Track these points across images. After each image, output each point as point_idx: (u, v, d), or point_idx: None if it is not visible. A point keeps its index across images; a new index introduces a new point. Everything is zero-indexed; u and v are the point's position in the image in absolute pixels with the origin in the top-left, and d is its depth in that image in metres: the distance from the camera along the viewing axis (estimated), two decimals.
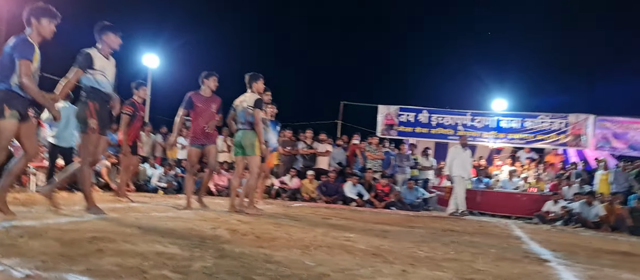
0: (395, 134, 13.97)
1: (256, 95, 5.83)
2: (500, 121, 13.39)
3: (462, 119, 13.57)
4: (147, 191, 10.03)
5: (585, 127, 12.59)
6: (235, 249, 2.90)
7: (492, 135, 13.38)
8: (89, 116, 4.33)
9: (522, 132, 13.16)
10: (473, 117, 13.62)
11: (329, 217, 6.15)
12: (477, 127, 13.51)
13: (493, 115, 13.71)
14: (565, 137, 12.76)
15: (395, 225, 5.89)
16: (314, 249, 3.19)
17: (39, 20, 3.75)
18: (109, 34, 4.44)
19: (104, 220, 4.01)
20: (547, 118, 12.97)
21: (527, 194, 11.18)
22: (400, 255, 3.26)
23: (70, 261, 2.17)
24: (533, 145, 13.25)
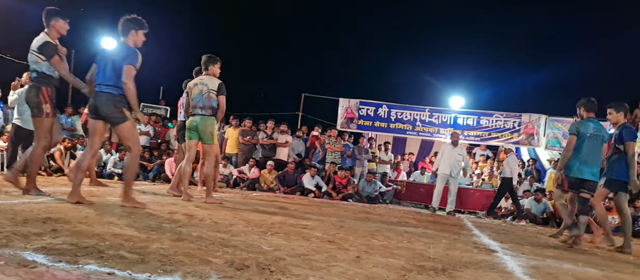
0: (355, 128, 14.13)
1: (218, 80, 5.66)
2: (457, 118, 13.78)
3: (421, 115, 13.87)
4: (102, 177, 9.78)
5: (537, 127, 13.13)
6: (192, 233, 2.93)
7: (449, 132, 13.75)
8: (43, 101, 4.39)
9: (477, 129, 13.58)
10: (431, 113, 13.94)
11: (287, 207, 6.21)
12: (435, 123, 13.85)
13: (450, 112, 14.07)
14: (518, 135, 13.26)
15: (352, 216, 6.01)
16: (271, 235, 3.25)
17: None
18: (58, 19, 4.52)
19: (58, 202, 3.93)
20: (502, 116, 13.44)
21: (480, 190, 11.59)
22: (355, 243, 3.37)
23: (24, 239, 2.15)
24: (488, 142, 13.72)
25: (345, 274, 2.22)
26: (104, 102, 4.03)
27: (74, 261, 1.86)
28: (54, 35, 4.52)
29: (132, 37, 4.22)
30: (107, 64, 4.07)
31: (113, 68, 4.04)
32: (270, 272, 2.08)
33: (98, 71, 4.12)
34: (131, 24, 4.23)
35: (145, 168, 10.91)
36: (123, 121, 4.07)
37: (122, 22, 4.22)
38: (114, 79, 4.03)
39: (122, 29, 4.22)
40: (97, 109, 4.07)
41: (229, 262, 2.18)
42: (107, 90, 4.03)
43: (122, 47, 4.19)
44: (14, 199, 3.87)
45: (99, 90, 4.07)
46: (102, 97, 4.04)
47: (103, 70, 4.07)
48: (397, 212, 8.13)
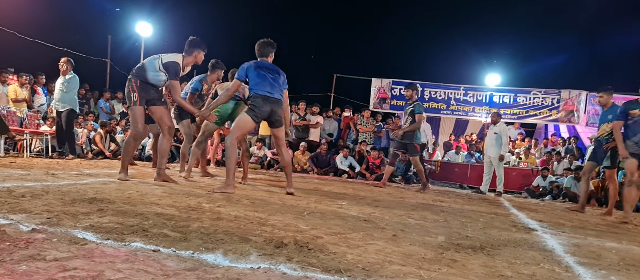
0: (388, 108, 14.02)
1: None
2: (493, 96, 13.48)
3: (455, 93, 13.63)
4: (141, 159, 10.08)
5: (577, 103, 12.70)
6: (231, 212, 2.99)
7: (484, 110, 13.47)
8: (131, 91, 4.75)
9: (514, 107, 13.26)
10: (466, 91, 13.68)
11: (321, 188, 6.25)
12: (470, 102, 13.59)
13: (486, 90, 13.77)
14: (558, 112, 12.88)
15: (387, 195, 6.00)
16: (307, 215, 3.29)
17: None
18: (200, 52, 4.97)
19: (102, 183, 4.08)
20: (540, 93, 13.06)
21: (517, 169, 11.35)
22: (391, 222, 3.37)
23: (73, 218, 2.25)
24: (525, 120, 13.38)
25: (382, 252, 2.23)
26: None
27: (121, 239, 1.94)
28: (189, 62, 4.94)
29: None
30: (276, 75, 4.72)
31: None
32: (309, 249, 2.11)
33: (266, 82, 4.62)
34: (271, 47, 4.83)
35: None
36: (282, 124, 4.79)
37: (263, 44, 4.81)
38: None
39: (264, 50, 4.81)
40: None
41: (267, 240, 2.22)
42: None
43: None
44: (61, 180, 4.04)
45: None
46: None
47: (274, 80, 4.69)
48: (432, 191, 8.06)
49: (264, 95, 4.55)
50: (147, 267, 1.59)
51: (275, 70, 4.73)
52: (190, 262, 1.71)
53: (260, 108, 4.54)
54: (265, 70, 4.64)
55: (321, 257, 2.00)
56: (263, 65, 4.67)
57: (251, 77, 4.61)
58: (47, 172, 4.81)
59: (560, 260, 2.52)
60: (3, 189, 3.10)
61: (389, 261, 2.04)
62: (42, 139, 8.56)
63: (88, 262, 1.56)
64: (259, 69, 4.63)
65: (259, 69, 4.63)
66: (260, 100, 4.55)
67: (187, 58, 4.89)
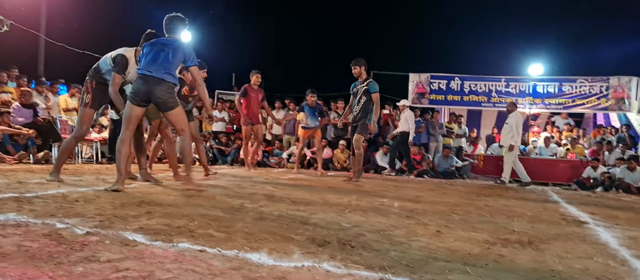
0: (427, 103, 13.80)
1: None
2: (537, 86, 13.03)
3: (497, 85, 13.26)
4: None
5: (628, 90, 12.11)
6: (273, 212, 3.03)
7: (527, 101, 13.05)
8: (86, 92, 4.63)
9: (559, 97, 12.77)
10: (507, 82, 13.28)
11: (362, 185, 6.23)
12: (512, 93, 13.19)
13: (529, 80, 13.33)
14: (607, 101, 12.31)
15: (429, 191, 5.92)
16: (349, 212, 3.29)
17: (184, 28, 4.29)
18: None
19: (149, 187, 4.22)
20: (587, 81, 12.53)
21: (565, 160, 10.96)
22: (434, 218, 3.32)
23: (124, 221, 2.34)
24: (571, 110, 12.88)
25: (427, 248, 2.20)
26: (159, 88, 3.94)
27: (169, 240, 2.00)
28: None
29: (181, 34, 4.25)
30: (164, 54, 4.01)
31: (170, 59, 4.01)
32: (351, 247, 2.11)
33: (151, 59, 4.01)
34: (181, 22, 4.24)
35: (223, 153, 11.38)
36: (176, 106, 4.05)
37: (170, 20, 4.20)
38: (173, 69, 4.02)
39: (173, 26, 4.20)
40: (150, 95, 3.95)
41: (310, 238, 2.24)
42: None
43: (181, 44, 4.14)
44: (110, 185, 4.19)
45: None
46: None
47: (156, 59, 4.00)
48: (476, 186, 7.90)
49: (142, 73, 3.92)
50: (195, 266, 1.63)
51: (170, 45, 4.03)
52: (235, 262, 1.74)
53: (136, 90, 3.93)
54: (158, 45, 4.03)
55: (364, 254, 2.00)
56: (158, 42, 4.08)
57: (140, 56, 4.09)
58: (97, 177, 5.02)
59: (615, 253, 2.41)
60: (58, 194, 3.26)
61: (434, 257, 2.02)
62: (92, 145, 8.92)
63: (139, 263, 1.62)
64: (152, 45, 4.05)
65: (152, 45, 4.05)
66: (137, 80, 3.96)
67: (139, 51, 4.47)
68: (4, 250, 1.66)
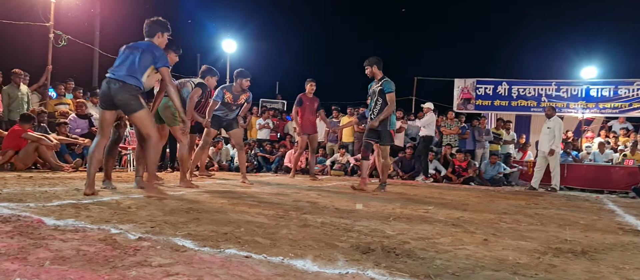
0: (473, 108, 13.54)
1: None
2: (590, 90, 12.52)
3: (547, 89, 12.85)
4: (230, 170, 10.56)
5: None
6: (317, 219, 3.05)
7: (580, 105, 12.56)
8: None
9: (615, 101, 12.22)
10: (558, 86, 12.84)
11: (406, 192, 6.17)
12: (564, 97, 12.74)
13: (581, 84, 12.83)
14: None
15: (475, 199, 5.79)
16: (393, 220, 3.26)
17: (162, 34, 4.19)
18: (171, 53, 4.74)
19: (196, 194, 4.34)
20: None
21: (622, 167, 10.43)
22: (481, 226, 3.25)
23: (173, 227, 2.42)
24: (628, 114, 12.28)
25: (473, 257, 2.16)
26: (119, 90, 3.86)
27: (216, 246, 2.05)
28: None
29: (158, 38, 4.20)
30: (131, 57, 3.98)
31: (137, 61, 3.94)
32: (396, 255, 2.10)
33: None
34: (158, 26, 4.19)
35: (267, 160, 11.54)
36: (139, 109, 3.91)
37: (149, 24, 4.19)
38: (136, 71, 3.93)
39: (150, 30, 4.17)
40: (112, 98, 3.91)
41: (354, 246, 2.24)
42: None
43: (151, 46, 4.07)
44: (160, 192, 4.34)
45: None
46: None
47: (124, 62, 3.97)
48: (525, 193, 7.64)
49: (107, 77, 3.89)
50: (241, 272, 1.67)
51: (140, 48, 3.97)
52: (280, 268, 1.77)
53: (101, 94, 3.94)
54: (130, 49, 3.99)
55: (409, 262, 1.98)
56: (132, 46, 4.03)
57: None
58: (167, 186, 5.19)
59: None
60: (112, 201, 3.41)
61: (481, 266, 1.97)
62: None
63: (188, 268, 1.67)
64: (126, 49, 4.02)
65: (126, 49, 4.02)
66: (103, 83, 3.94)
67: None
68: (64, 254, 1.75)
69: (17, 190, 3.92)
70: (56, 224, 2.34)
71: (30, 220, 2.40)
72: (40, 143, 7.27)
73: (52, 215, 2.60)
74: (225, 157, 11.39)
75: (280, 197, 4.46)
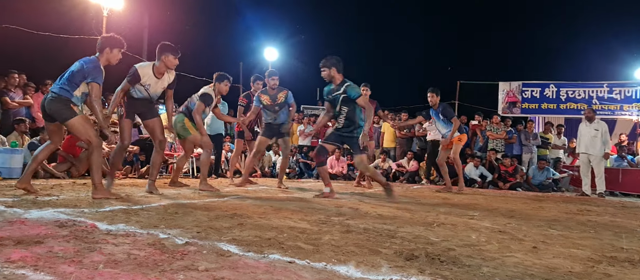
0: (519, 112, 13.15)
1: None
2: None
3: (598, 91, 12.32)
4: (273, 176, 10.68)
5: None
6: (359, 225, 3.04)
7: (635, 108, 11.97)
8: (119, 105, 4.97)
9: None
10: (611, 88, 12.29)
11: (451, 198, 6.05)
12: (616, 99, 12.18)
13: (636, 85, 12.23)
14: None
15: (523, 205, 5.61)
16: (437, 226, 3.21)
17: (112, 50, 4.23)
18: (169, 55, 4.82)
19: (240, 199, 4.41)
20: None
21: None
22: (530, 233, 3.14)
23: (218, 232, 2.47)
24: None
25: (522, 265, 2.09)
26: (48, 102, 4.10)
27: (260, 251, 2.08)
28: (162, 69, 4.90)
29: (107, 54, 4.24)
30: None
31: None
32: (441, 262, 2.06)
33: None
34: (107, 42, 4.24)
35: (309, 166, 11.59)
36: (70, 118, 4.06)
37: (100, 39, 4.28)
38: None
39: (98, 45, 4.24)
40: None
41: (397, 252, 2.22)
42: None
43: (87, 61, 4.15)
44: (206, 199, 4.45)
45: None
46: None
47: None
48: (576, 200, 7.34)
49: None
50: (285, 277, 1.68)
51: (78, 62, 4.14)
52: (324, 274, 1.77)
53: (40, 106, 4.23)
54: (74, 64, 4.20)
55: (455, 269, 1.94)
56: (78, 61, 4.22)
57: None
58: (194, 191, 5.34)
59: None
60: (160, 207, 3.52)
61: (530, 275, 1.91)
62: (189, 161, 9.51)
63: (233, 273, 1.70)
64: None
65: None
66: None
67: (157, 66, 4.79)
68: (117, 258, 1.82)
69: (72, 196, 4.11)
70: (108, 228, 2.44)
71: (85, 224, 2.51)
72: None
73: (105, 220, 2.71)
74: (267, 163, 11.54)
75: (323, 203, 4.47)
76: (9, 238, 2.07)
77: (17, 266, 1.64)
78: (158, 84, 4.81)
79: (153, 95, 4.90)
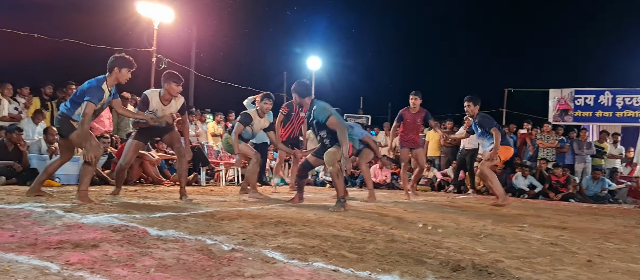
0: (571, 120, 12.62)
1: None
2: None
3: None
4: (316, 185, 10.72)
5: None
6: (404, 235, 3.00)
7: None
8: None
9: None
10: None
11: (498, 209, 5.87)
12: None
13: None
14: None
15: (576, 217, 5.38)
16: (484, 237, 3.13)
17: (120, 69, 4.28)
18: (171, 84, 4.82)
19: (284, 207, 4.46)
20: None
21: None
22: (584, 246, 3.01)
23: (263, 240, 2.51)
24: None
25: (575, 279, 2.00)
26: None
27: (304, 259, 2.09)
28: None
29: (116, 73, 4.27)
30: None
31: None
32: (488, 274, 2.01)
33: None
34: (115, 62, 4.27)
35: (352, 175, 11.56)
36: (71, 132, 4.26)
37: (110, 59, 4.31)
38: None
39: (108, 64, 4.29)
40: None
41: (443, 262, 2.18)
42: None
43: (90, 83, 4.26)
44: (251, 206, 4.52)
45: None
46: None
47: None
48: (634, 212, 6.97)
49: None
50: None
51: (85, 83, 4.29)
52: None
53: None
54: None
55: None
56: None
57: None
58: (239, 198, 5.44)
59: None
60: (207, 213, 3.61)
61: None
62: (234, 168, 9.70)
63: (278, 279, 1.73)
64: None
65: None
66: None
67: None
68: (167, 263, 1.89)
69: (124, 202, 4.28)
70: (159, 234, 2.53)
71: (137, 230, 2.61)
72: (144, 159, 7.87)
73: (155, 225, 2.80)
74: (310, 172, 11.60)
75: (366, 212, 4.45)
76: (68, 241, 2.18)
77: (76, 268, 1.72)
78: (165, 110, 4.88)
79: (162, 122, 4.96)
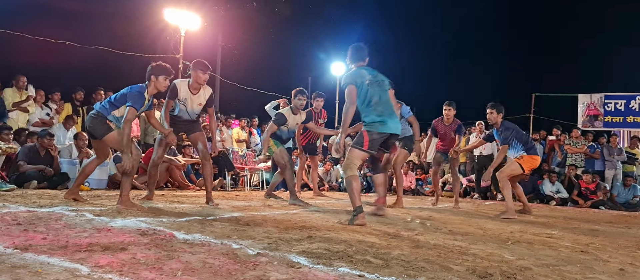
0: (601, 125, 12.33)
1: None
2: None
3: None
4: (340, 190, 10.70)
5: None
6: (430, 241, 2.98)
7: None
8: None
9: None
10: None
11: (525, 216, 5.76)
12: None
13: None
14: None
15: (606, 224, 5.23)
16: (512, 244, 3.08)
17: (157, 77, 4.34)
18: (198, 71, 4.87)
19: (308, 212, 4.47)
20: None
21: None
22: (615, 254, 2.93)
23: (288, 244, 2.52)
24: None
25: None
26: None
27: (329, 264, 2.10)
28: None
29: (153, 82, 4.33)
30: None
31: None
32: None
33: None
34: (152, 71, 4.34)
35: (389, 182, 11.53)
36: (104, 134, 4.29)
37: (148, 67, 4.39)
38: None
39: (146, 74, 4.36)
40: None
41: (470, 269, 2.15)
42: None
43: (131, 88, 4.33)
44: (275, 210, 4.55)
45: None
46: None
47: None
48: None
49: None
50: None
51: (127, 87, 4.38)
52: None
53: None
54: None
55: None
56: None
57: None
58: (264, 203, 5.47)
59: None
60: (232, 218, 3.65)
61: None
62: (259, 174, 9.78)
63: None
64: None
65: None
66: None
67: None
68: (193, 266, 1.91)
69: (152, 206, 4.35)
70: (185, 237, 2.57)
71: (164, 233, 2.65)
72: (171, 164, 8.00)
73: (182, 229, 2.85)
74: (335, 177, 11.59)
75: (391, 218, 4.42)
76: (98, 244, 2.23)
77: (105, 271, 1.76)
78: (194, 99, 4.95)
79: (191, 112, 5.02)
